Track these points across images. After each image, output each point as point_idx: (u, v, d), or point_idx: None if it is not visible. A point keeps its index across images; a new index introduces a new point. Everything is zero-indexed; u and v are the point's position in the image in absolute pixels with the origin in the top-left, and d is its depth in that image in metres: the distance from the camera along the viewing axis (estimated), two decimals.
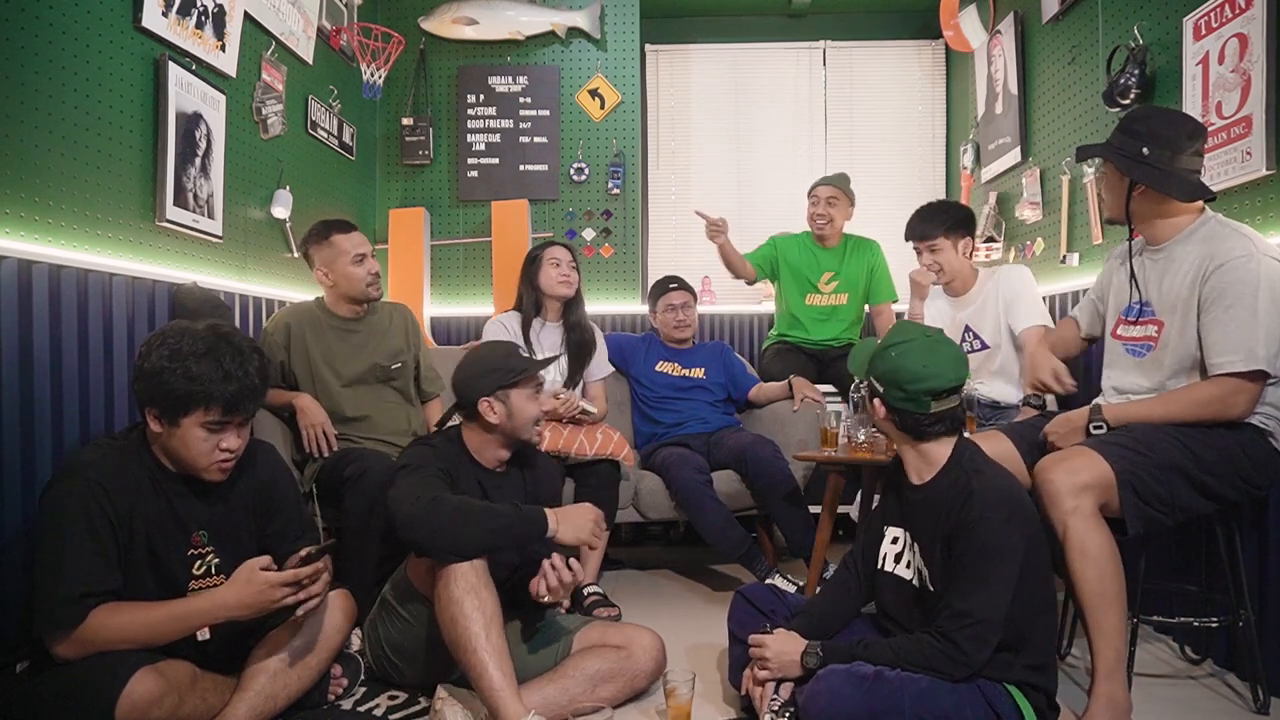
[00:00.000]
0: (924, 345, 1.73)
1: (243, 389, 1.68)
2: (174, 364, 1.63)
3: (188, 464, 1.71)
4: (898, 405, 1.73)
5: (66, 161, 2.06)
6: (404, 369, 2.74)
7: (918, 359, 1.71)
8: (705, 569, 3.30)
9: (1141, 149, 1.91)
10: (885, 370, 1.73)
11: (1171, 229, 1.98)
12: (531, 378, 2.06)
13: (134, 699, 1.48)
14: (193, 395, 1.64)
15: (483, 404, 2.02)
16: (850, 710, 1.56)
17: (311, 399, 2.57)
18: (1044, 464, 1.87)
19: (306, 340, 2.62)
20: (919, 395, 1.69)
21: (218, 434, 1.69)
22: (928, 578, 1.73)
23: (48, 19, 2.00)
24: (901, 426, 1.76)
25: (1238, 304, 1.82)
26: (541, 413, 2.09)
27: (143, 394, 1.68)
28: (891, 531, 1.85)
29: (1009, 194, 3.72)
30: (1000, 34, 3.72)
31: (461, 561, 1.77)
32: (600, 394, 3.11)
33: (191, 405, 1.65)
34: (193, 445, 1.68)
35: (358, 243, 2.65)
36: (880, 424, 1.84)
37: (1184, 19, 2.40)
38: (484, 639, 1.71)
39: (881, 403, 1.76)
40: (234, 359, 1.67)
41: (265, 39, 2.97)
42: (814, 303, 3.59)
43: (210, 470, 1.72)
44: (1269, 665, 1.99)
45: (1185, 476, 1.84)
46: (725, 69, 4.59)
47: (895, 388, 1.72)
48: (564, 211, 4.21)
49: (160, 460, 1.73)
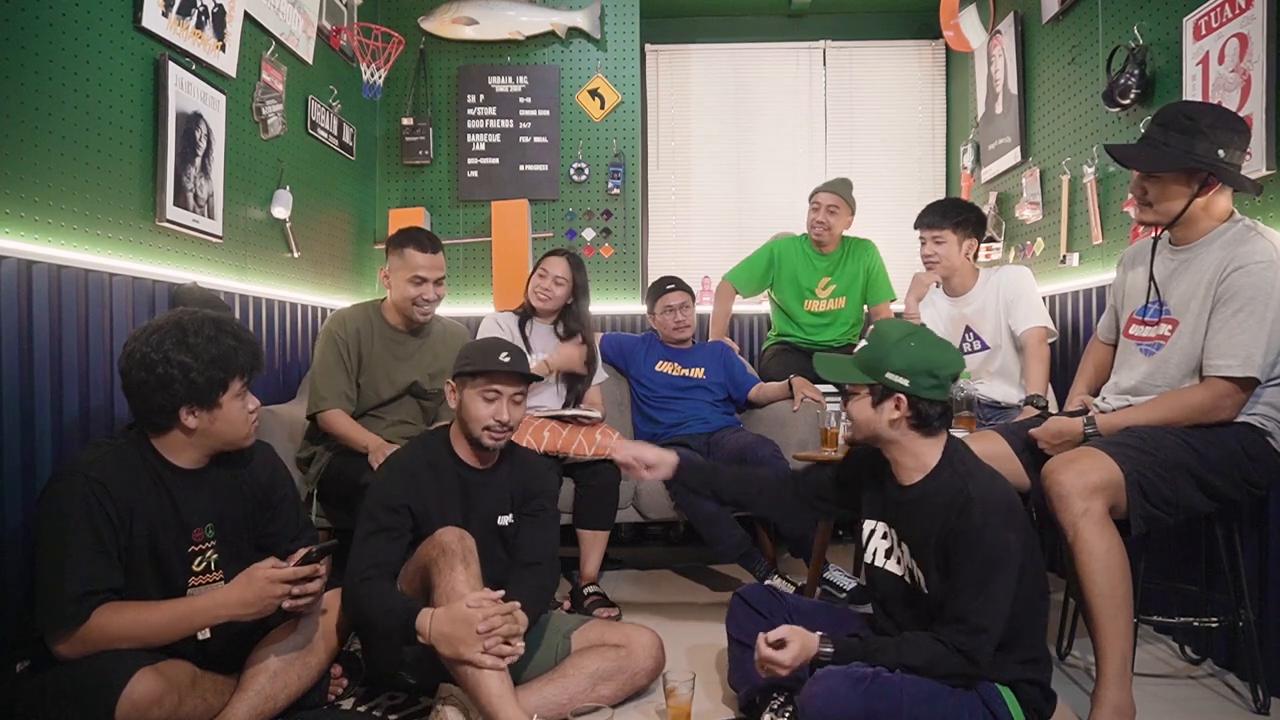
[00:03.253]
0: (929, 334, 1.75)
1: (254, 347, 1.78)
2: (194, 354, 1.66)
3: (227, 440, 1.76)
4: (926, 395, 1.68)
5: (66, 161, 2.06)
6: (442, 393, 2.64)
7: (936, 345, 1.71)
8: (705, 569, 3.30)
9: (1217, 151, 1.85)
10: (913, 360, 1.68)
11: (1205, 230, 1.94)
12: (490, 379, 1.96)
13: (134, 699, 1.48)
14: (227, 369, 1.70)
15: (446, 384, 2.06)
16: (848, 711, 1.56)
17: (381, 443, 2.45)
18: (1053, 465, 1.86)
19: (361, 338, 2.61)
20: (947, 380, 1.69)
21: (244, 398, 1.77)
22: (920, 579, 1.72)
23: (48, 19, 2.00)
24: (916, 422, 1.71)
25: (1247, 309, 1.82)
26: (496, 420, 1.97)
27: (174, 398, 1.67)
28: (875, 526, 1.85)
29: (1009, 194, 3.72)
30: (1000, 34, 3.72)
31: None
32: (597, 397, 3.12)
33: (228, 380, 1.71)
34: (234, 417, 1.74)
35: (427, 265, 2.57)
36: (886, 427, 1.72)
37: (1184, 19, 2.40)
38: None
39: (905, 398, 1.69)
40: (231, 328, 1.75)
41: (265, 39, 2.97)
42: (813, 309, 3.59)
43: (249, 434, 1.80)
44: (1269, 665, 1.99)
45: (1191, 475, 1.84)
46: (725, 69, 4.59)
47: (927, 375, 1.67)
48: (564, 211, 4.21)
49: (164, 456, 1.73)
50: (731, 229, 4.55)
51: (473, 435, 2.01)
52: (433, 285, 2.60)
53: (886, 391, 1.71)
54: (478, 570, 1.84)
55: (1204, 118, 1.87)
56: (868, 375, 1.74)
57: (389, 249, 2.63)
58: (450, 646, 1.68)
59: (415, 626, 1.73)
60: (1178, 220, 1.94)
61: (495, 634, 1.68)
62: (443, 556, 1.83)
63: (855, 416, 1.77)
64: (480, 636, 1.66)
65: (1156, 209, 1.95)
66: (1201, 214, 1.93)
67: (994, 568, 1.59)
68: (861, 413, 1.75)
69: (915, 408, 1.70)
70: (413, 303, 2.59)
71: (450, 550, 1.83)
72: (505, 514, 2.08)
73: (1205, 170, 1.87)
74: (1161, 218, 1.96)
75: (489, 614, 1.68)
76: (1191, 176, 1.89)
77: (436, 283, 2.61)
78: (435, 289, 2.61)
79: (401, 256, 2.58)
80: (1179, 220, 1.94)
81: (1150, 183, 1.94)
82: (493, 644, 1.67)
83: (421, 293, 2.59)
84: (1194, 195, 1.90)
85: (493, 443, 2.00)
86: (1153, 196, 1.94)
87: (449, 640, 1.69)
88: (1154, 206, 1.95)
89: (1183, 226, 1.96)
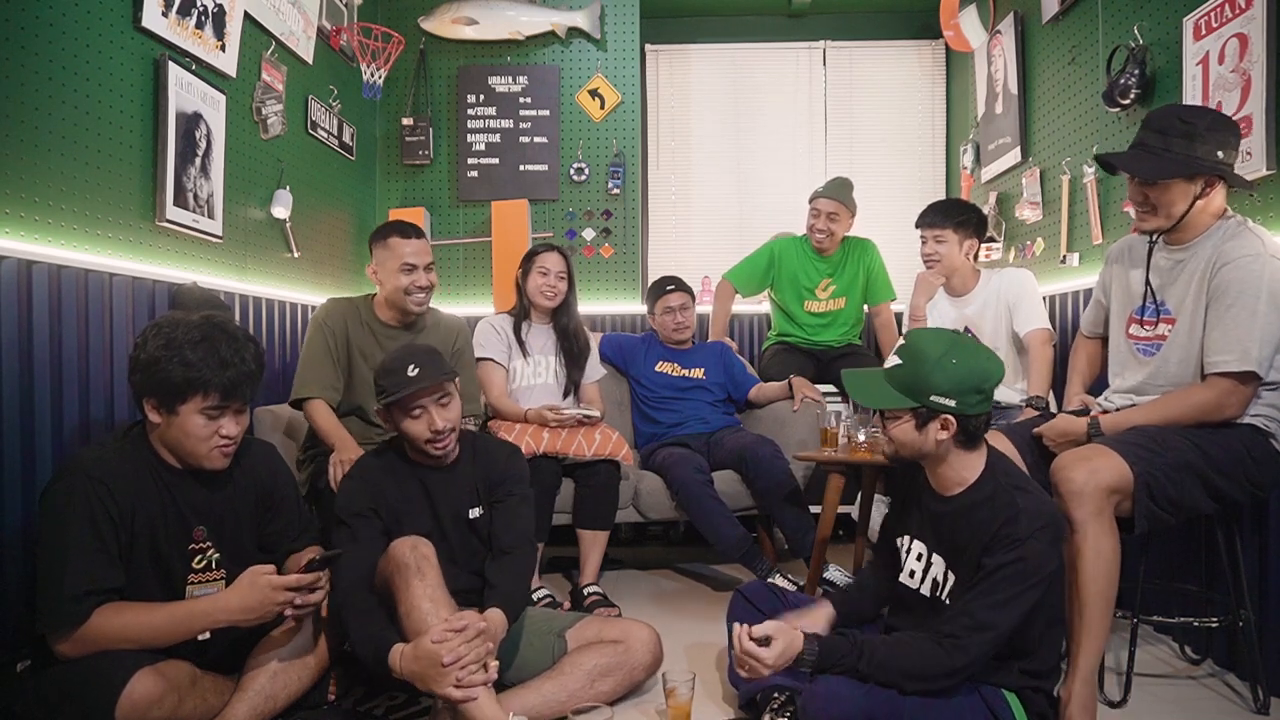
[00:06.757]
0: (967, 343, 1.68)
1: (240, 374, 1.69)
2: (170, 352, 1.64)
3: (188, 452, 1.70)
4: (973, 411, 1.62)
5: (66, 161, 2.06)
6: None
7: (977, 357, 1.64)
8: (705, 569, 3.30)
9: (1217, 152, 1.86)
10: (959, 379, 1.61)
11: (1200, 228, 1.94)
12: (409, 399, 1.93)
13: (134, 699, 1.48)
14: (190, 382, 1.64)
15: (378, 410, 2.02)
16: (849, 713, 1.55)
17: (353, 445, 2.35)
18: (1065, 461, 1.86)
19: (349, 332, 2.54)
20: (991, 391, 1.64)
21: (216, 420, 1.69)
22: (944, 590, 1.71)
23: (48, 19, 2.00)
24: (962, 438, 1.66)
25: (1238, 303, 1.83)
26: (432, 431, 1.95)
27: (140, 385, 1.67)
28: (912, 544, 1.81)
29: (1009, 194, 3.72)
30: (1000, 34, 3.72)
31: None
32: (595, 395, 3.11)
33: (189, 392, 1.65)
34: (192, 432, 1.67)
35: (414, 251, 2.50)
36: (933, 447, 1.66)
37: (1184, 19, 2.40)
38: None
39: (951, 419, 1.62)
40: (229, 346, 1.68)
41: (265, 39, 2.97)
42: (812, 309, 3.58)
43: (211, 456, 1.71)
44: (1269, 665, 1.99)
45: (1197, 476, 1.84)
46: (725, 69, 4.59)
47: (974, 393, 1.61)
48: (564, 211, 4.21)
49: (161, 455, 1.73)
50: (731, 229, 4.55)
51: (418, 449, 2.00)
52: (423, 271, 2.53)
53: (931, 413, 1.64)
54: (436, 577, 1.81)
55: (1200, 121, 1.88)
56: (910, 398, 1.65)
57: (372, 245, 2.56)
58: (422, 684, 1.66)
59: (388, 664, 1.70)
60: (1179, 222, 1.94)
61: (464, 664, 1.63)
62: (398, 573, 1.80)
63: (898, 439, 1.70)
64: (449, 670, 1.62)
65: (1160, 214, 1.94)
66: (1199, 214, 1.93)
67: (1024, 578, 1.56)
68: (905, 435, 1.68)
69: (963, 426, 1.64)
70: (405, 292, 2.50)
71: (404, 565, 1.80)
72: (474, 506, 2.06)
73: (1210, 173, 1.87)
74: (1167, 223, 1.94)
75: (453, 647, 1.63)
76: (1193, 179, 1.89)
77: (426, 269, 2.54)
78: (426, 275, 2.54)
79: (386, 247, 2.51)
80: (1180, 222, 1.94)
81: (1152, 189, 1.93)
82: (464, 675, 1.63)
83: (414, 280, 2.51)
84: (1197, 197, 1.90)
85: (442, 452, 1.99)
86: (1157, 202, 1.94)
87: (419, 679, 1.66)
88: (1158, 212, 1.94)
89: (1181, 228, 1.96)
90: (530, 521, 2.11)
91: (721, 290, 3.69)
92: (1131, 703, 1.97)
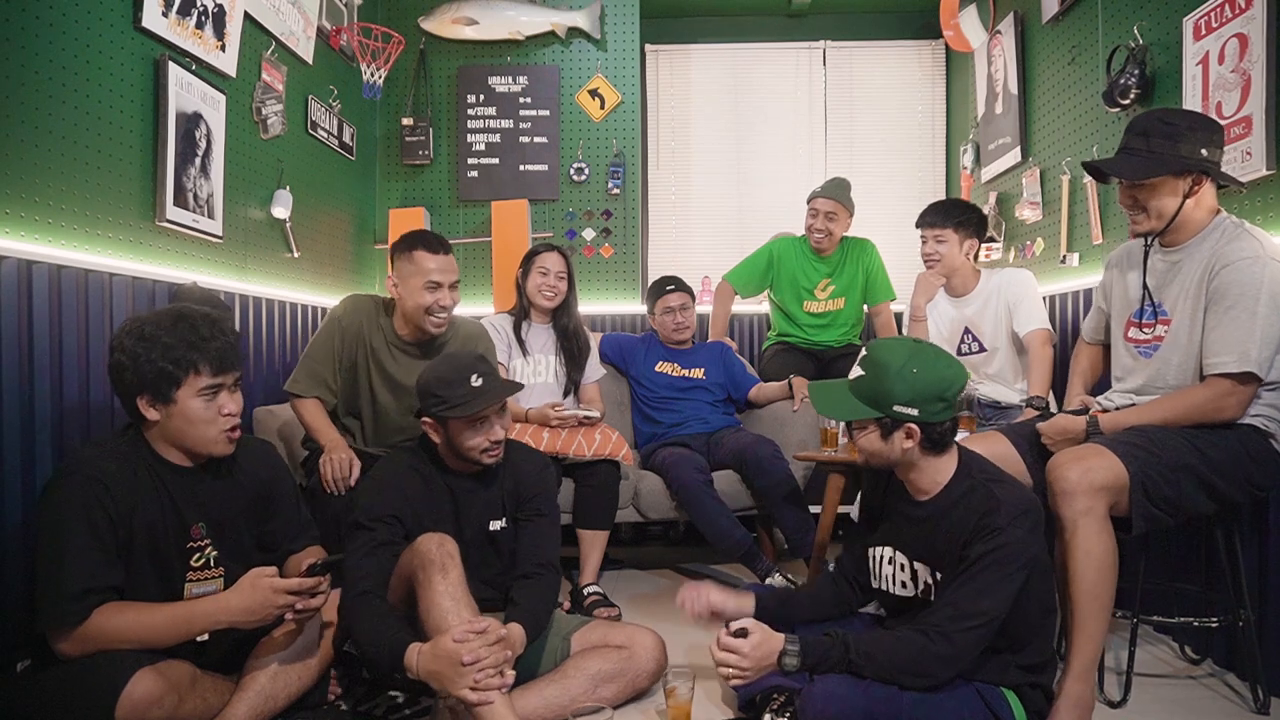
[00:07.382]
0: (927, 351, 1.69)
1: (224, 345, 1.70)
2: (148, 344, 1.64)
3: (195, 440, 1.70)
4: (935, 419, 1.65)
5: (66, 161, 2.06)
6: None
7: (938, 366, 1.66)
8: (705, 569, 3.30)
9: (1200, 150, 1.88)
10: (920, 388, 1.63)
11: (1193, 229, 1.96)
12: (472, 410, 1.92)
13: (134, 699, 1.48)
14: (178, 363, 1.64)
15: (424, 422, 2.01)
16: (848, 712, 1.55)
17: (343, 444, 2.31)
18: (1060, 460, 1.86)
19: (363, 340, 2.44)
20: (955, 398, 1.66)
21: (215, 400, 1.69)
22: (933, 589, 1.71)
23: (48, 19, 2.00)
24: (928, 445, 1.68)
25: (1238, 305, 1.83)
26: (491, 441, 1.96)
27: (130, 385, 1.66)
28: (882, 552, 1.82)
29: (1009, 194, 3.72)
30: (1000, 34, 3.72)
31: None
32: (595, 395, 3.11)
33: (181, 374, 1.65)
34: (195, 417, 1.67)
35: (440, 267, 2.35)
36: (900, 455, 1.69)
37: (1184, 19, 2.40)
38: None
39: (915, 427, 1.65)
40: (203, 323, 1.69)
41: (265, 39, 2.97)
42: (812, 309, 3.58)
43: (219, 441, 1.72)
44: (1269, 665, 1.99)
45: (1195, 477, 1.84)
46: (725, 69, 4.59)
47: (936, 400, 1.64)
48: (564, 211, 4.21)
49: (159, 453, 1.72)
50: (731, 229, 4.55)
51: (470, 459, 1.99)
52: (448, 290, 2.37)
53: (895, 423, 1.67)
54: (460, 576, 1.81)
55: (1181, 121, 1.91)
56: (873, 409, 1.68)
57: (395, 255, 2.41)
58: (438, 683, 1.65)
59: (404, 663, 1.69)
60: (1171, 223, 1.95)
61: (483, 666, 1.63)
62: (422, 568, 1.80)
63: (865, 449, 1.73)
64: (467, 671, 1.61)
65: (1151, 215, 1.96)
66: (1191, 213, 1.94)
67: (1011, 570, 1.57)
68: (871, 445, 1.71)
69: (928, 434, 1.67)
70: (426, 311, 2.36)
71: (430, 560, 1.80)
72: (498, 519, 2.06)
73: (1195, 170, 1.89)
74: (1158, 223, 1.96)
75: (474, 648, 1.63)
76: (1180, 178, 1.91)
77: (451, 287, 2.38)
78: (451, 294, 2.38)
79: (411, 260, 2.35)
80: (1172, 223, 1.95)
81: (1140, 190, 1.95)
82: (481, 677, 1.62)
83: (437, 299, 2.35)
84: (1186, 195, 1.92)
85: (494, 460, 2.00)
86: (1146, 203, 1.95)
87: (436, 678, 1.65)
88: (1148, 212, 1.96)
89: (1174, 229, 1.97)
90: (557, 545, 2.10)
91: (721, 291, 3.70)
92: (1131, 702, 1.97)
